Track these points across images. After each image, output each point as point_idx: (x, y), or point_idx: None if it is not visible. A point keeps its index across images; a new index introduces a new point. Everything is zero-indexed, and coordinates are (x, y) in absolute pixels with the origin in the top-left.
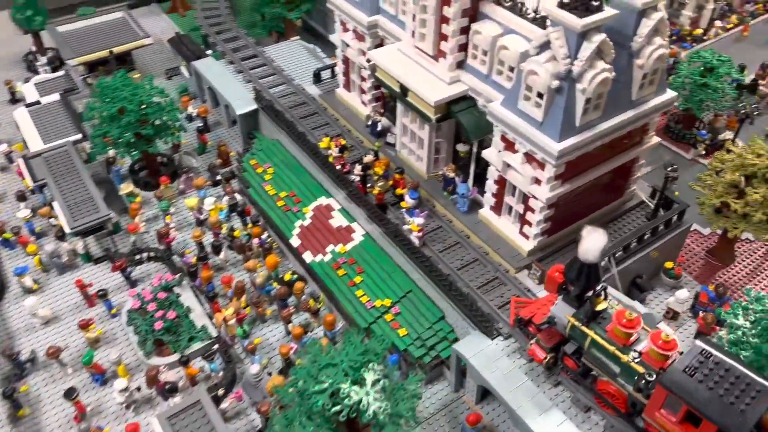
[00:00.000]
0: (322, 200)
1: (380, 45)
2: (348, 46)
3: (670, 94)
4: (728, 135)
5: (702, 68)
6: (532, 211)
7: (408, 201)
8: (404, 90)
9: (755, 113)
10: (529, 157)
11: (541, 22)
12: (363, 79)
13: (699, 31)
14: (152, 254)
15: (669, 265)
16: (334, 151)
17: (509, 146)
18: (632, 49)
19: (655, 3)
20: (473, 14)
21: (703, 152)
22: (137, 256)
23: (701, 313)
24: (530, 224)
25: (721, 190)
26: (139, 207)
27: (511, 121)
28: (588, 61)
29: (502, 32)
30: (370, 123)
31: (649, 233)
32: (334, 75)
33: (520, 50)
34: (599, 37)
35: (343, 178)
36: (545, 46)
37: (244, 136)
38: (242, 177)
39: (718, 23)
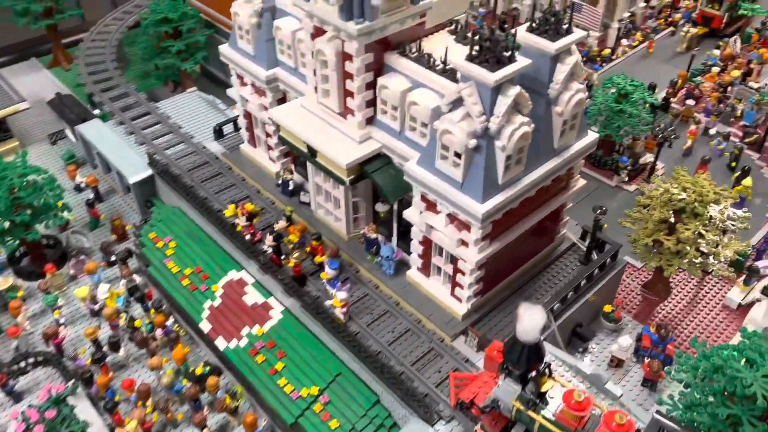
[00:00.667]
0: (233, 274)
1: (283, 98)
2: (247, 101)
3: (591, 136)
4: (649, 158)
5: (616, 94)
6: (462, 273)
7: (328, 272)
8: (312, 151)
9: (672, 137)
10: (452, 218)
11: (451, 74)
12: (268, 135)
13: (607, 51)
14: (39, 359)
15: (608, 308)
16: (242, 221)
17: (431, 206)
18: (549, 97)
19: (568, 47)
20: (379, 67)
21: (627, 178)
22: (21, 364)
23: (646, 360)
24: (462, 287)
25: (652, 227)
26: (22, 303)
27: (429, 181)
28: (505, 117)
29: (411, 86)
30: (280, 182)
31: (585, 280)
32: (237, 129)
33: (431, 106)
34: (514, 91)
35: (255, 249)
36: (458, 102)
37: (141, 205)
38: (141, 254)
39: (624, 42)
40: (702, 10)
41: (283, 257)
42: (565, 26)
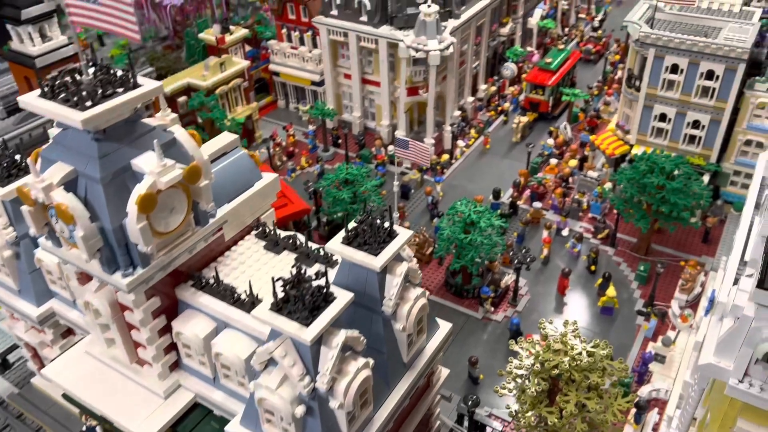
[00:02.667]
0: None
1: (69, 330)
2: (24, 339)
3: (445, 327)
4: (510, 278)
5: (463, 224)
6: None
7: None
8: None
9: (528, 260)
10: None
11: None
12: None
13: (446, 157)
14: None
15: None
16: None
17: None
18: (386, 314)
19: (395, 255)
20: (171, 305)
21: (492, 308)
22: None
23: None
24: None
25: (531, 400)
26: None
27: None
28: (335, 369)
29: (215, 326)
30: (85, 428)
31: None
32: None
33: (243, 356)
34: (340, 338)
35: None
36: (273, 361)
37: None
38: None
39: (460, 143)
40: (528, 97)
41: None
42: (387, 230)
